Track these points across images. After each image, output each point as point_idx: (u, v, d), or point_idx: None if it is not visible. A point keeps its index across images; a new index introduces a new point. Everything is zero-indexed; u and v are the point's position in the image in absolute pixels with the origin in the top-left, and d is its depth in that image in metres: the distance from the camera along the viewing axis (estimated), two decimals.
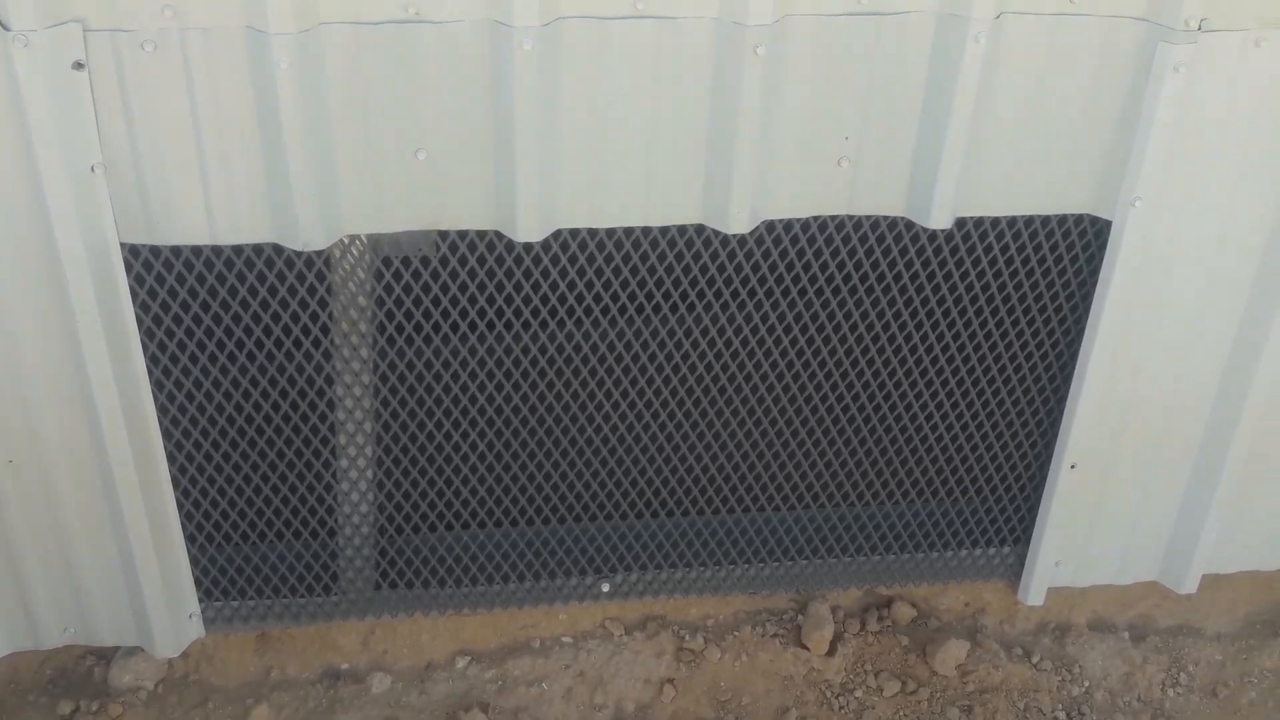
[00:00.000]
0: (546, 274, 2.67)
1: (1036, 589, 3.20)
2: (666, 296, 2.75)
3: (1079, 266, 2.79)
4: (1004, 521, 3.19)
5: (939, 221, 2.55)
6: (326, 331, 2.66)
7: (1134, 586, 3.31)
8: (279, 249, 2.49)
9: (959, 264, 2.78)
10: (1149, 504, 3.10)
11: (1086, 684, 3.23)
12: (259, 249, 2.51)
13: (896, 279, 2.80)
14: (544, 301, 2.71)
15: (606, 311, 2.76)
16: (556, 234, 2.55)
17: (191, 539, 2.83)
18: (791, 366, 2.91)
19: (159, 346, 2.58)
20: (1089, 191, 2.60)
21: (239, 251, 2.51)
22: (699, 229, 2.62)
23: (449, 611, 3.06)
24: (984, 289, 2.83)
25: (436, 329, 2.71)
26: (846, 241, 2.71)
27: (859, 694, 3.13)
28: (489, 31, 2.24)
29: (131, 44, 2.17)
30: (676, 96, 2.37)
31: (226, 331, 2.63)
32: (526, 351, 2.79)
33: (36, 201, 2.27)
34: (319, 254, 2.54)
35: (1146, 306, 2.75)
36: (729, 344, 2.85)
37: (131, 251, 2.41)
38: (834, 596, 3.26)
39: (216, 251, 2.51)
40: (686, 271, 2.72)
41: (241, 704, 2.97)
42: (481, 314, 2.70)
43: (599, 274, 2.68)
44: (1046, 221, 2.72)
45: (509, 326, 2.74)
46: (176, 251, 2.47)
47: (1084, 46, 2.41)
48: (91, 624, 2.88)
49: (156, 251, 2.45)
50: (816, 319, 2.84)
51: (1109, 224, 2.64)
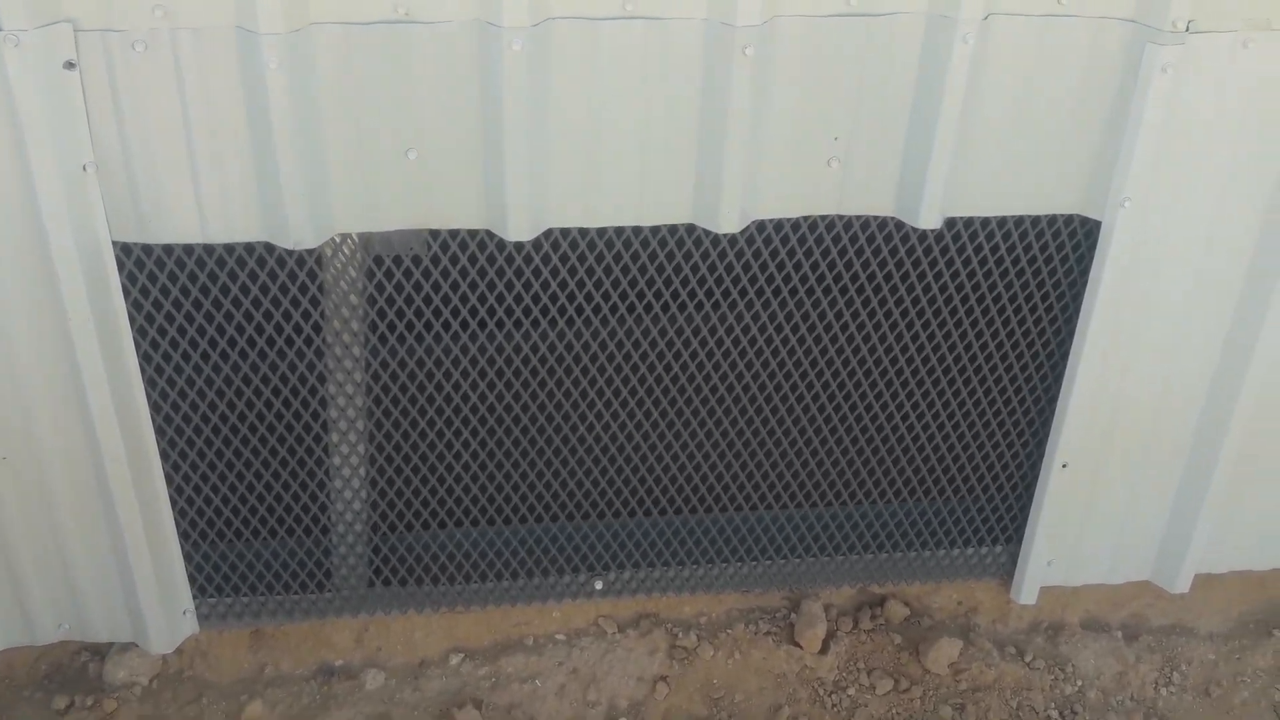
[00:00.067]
0: (538, 273, 2.68)
1: (1028, 588, 3.20)
2: (658, 296, 2.76)
3: (1069, 267, 2.79)
4: (996, 520, 3.19)
5: (928, 222, 2.56)
6: (318, 330, 2.67)
7: (1127, 586, 3.31)
8: (270, 248, 2.50)
9: (949, 264, 2.78)
10: (1140, 504, 3.10)
11: (1079, 683, 3.23)
12: (250, 248, 2.52)
13: (887, 279, 2.81)
14: (535, 301, 2.72)
15: (598, 311, 2.76)
16: (547, 233, 2.56)
17: (185, 536, 2.84)
18: (783, 365, 2.91)
19: (151, 345, 2.59)
20: (1078, 192, 2.61)
21: (231, 250, 2.52)
22: (689, 229, 2.63)
23: (442, 609, 3.07)
24: (974, 289, 2.84)
25: (428, 327, 2.72)
26: (837, 241, 2.71)
27: (851, 692, 3.14)
28: (479, 32, 2.25)
29: (122, 44, 2.18)
30: (666, 97, 2.38)
31: (219, 330, 2.64)
32: (519, 350, 2.80)
33: (28, 200, 2.28)
34: (310, 253, 2.55)
35: (1136, 306, 2.75)
36: (720, 343, 2.86)
37: (123, 250, 2.42)
38: (827, 595, 3.26)
39: (208, 250, 2.52)
40: (678, 271, 2.72)
41: (236, 700, 2.98)
42: (473, 313, 2.71)
43: (590, 273, 2.69)
44: (1036, 222, 2.73)
45: (500, 325, 2.75)
46: (168, 250, 2.48)
47: (1072, 47, 2.41)
48: (86, 620, 2.89)
49: (148, 250, 2.46)
50: (807, 318, 2.85)
51: (1098, 224, 2.64)
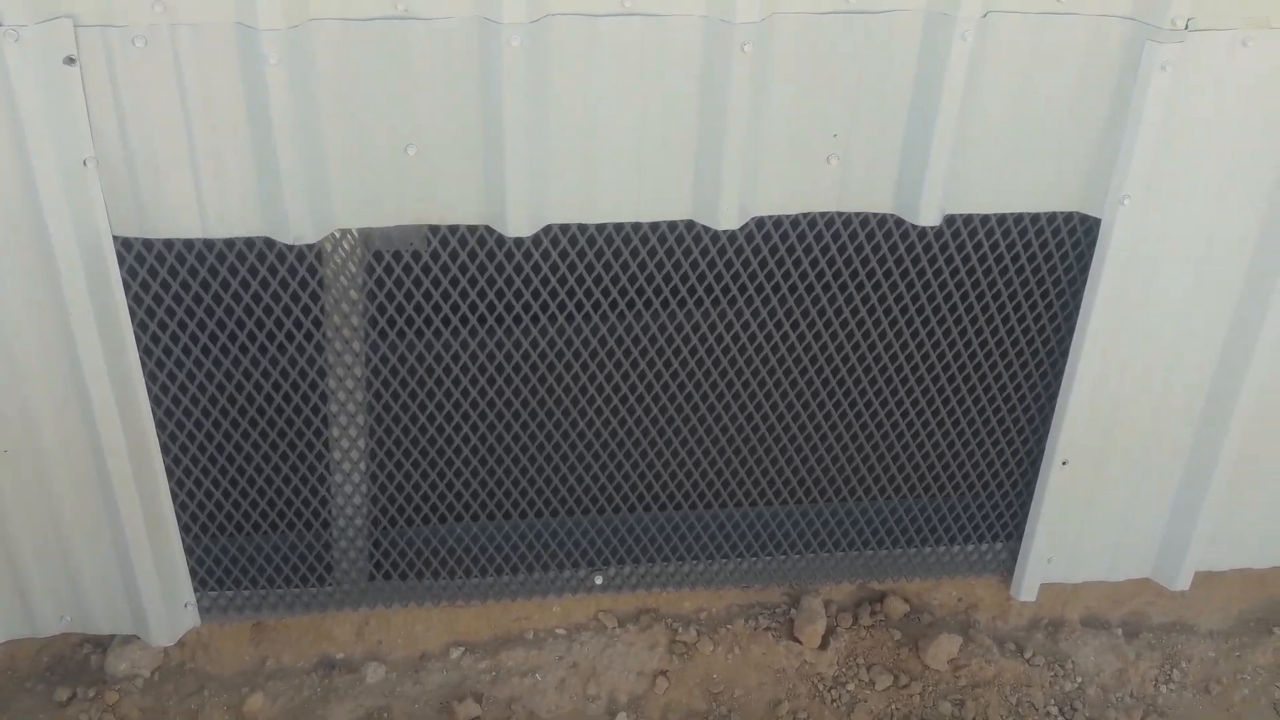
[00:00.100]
0: (537, 269, 2.68)
1: (1028, 585, 3.20)
2: (658, 292, 2.77)
3: (1069, 264, 2.79)
4: (996, 517, 3.19)
5: (928, 219, 2.56)
6: (319, 324, 2.68)
7: (1127, 583, 3.31)
8: (270, 242, 2.51)
9: (949, 261, 2.78)
10: (1140, 501, 3.09)
11: (1079, 680, 3.23)
12: (250, 242, 2.53)
13: (886, 276, 2.81)
14: (535, 296, 2.72)
15: (598, 306, 2.77)
16: (547, 229, 2.56)
17: (186, 529, 2.85)
18: (783, 362, 2.91)
19: (152, 339, 2.60)
20: (1078, 189, 2.60)
21: (231, 245, 2.53)
22: (689, 225, 2.63)
23: (443, 603, 3.08)
24: (974, 286, 2.83)
25: (428, 323, 2.73)
26: (836, 238, 2.71)
27: (851, 687, 3.14)
28: (478, 28, 2.26)
29: (122, 39, 2.19)
30: (665, 93, 2.38)
31: (219, 324, 2.65)
32: (518, 345, 2.81)
33: (29, 195, 2.29)
34: (310, 248, 2.56)
35: (1136, 304, 2.75)
36: (720, 339, 2.86)
37: (124, 245, 2.43)
38: (827, 591, 3.26)
39: (208, 245, 2.53)
40: (677, 267, 2.73)
41: (237, 692, 3.00)
42: (473, 308, 2.72)
43: (589, 269, 2.69)
44: (1036, 219, 2.73)
45: (500, 321, 2.76)
46: (169, 245, 2.49)
47: (1071, 45, 2.41)
48: (88, 612, 2.91)
49: (149, 245, 2.47)
50: (807, 315, 2.85)
51: (1098, 222, 2.64)
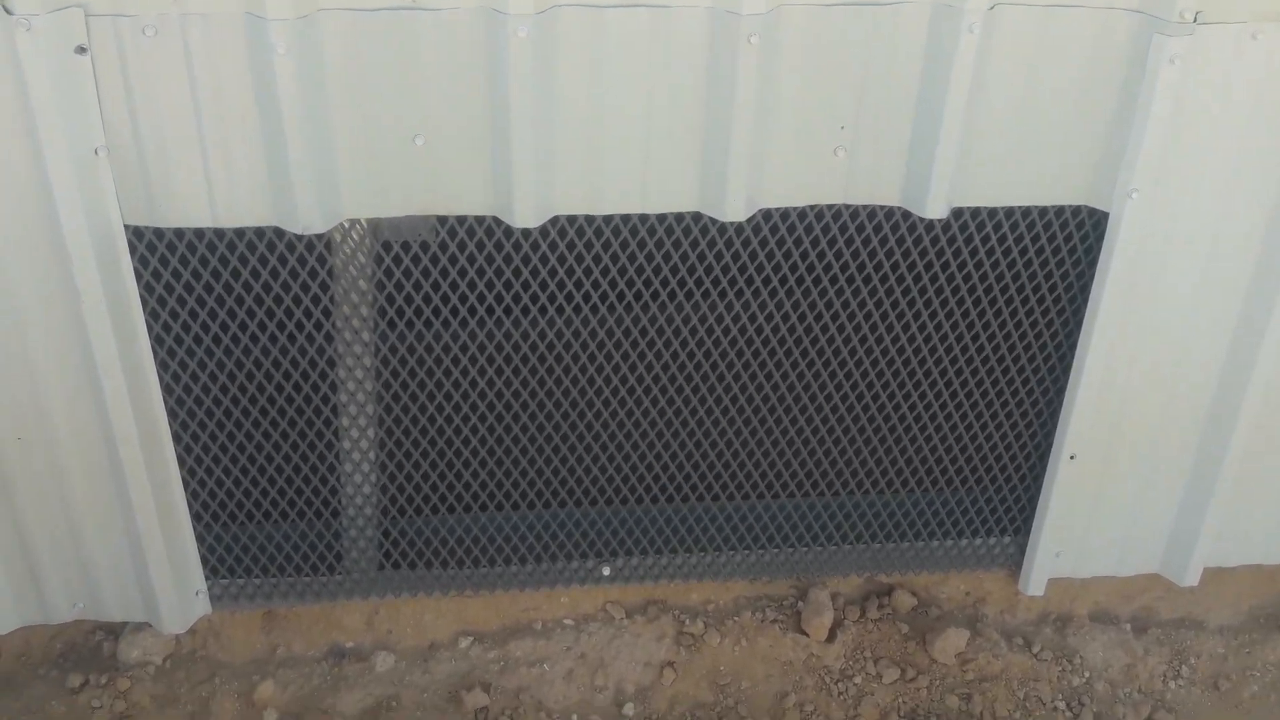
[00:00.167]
0: (545, 260, 2.69)
1: (1036, 579, 3.20)
2: (665, 283, 2.77)
3: (1077, 258, 2.79)
4: (1004, 511, 3.19)
5: (935, 211, 2.56)
6: (328, 314, 2.70)
7: (1137, 579, 3.30)
8: (280, 232, 2.52)
9: (956, 254, 2.78)
10: (1149, 496, 3.08)
11: (1087, 675, 3.23)
12: (260, 232, 2.54)
13: (894, 269, 2.81)
14: (542, 287, 2.73)
15: (605, 298, 2.78)
16: (554, 220, 2.57)
17: (198, 517, 2.87)
18: (789, 354, 2.92)
19: (163, 328, 2.62)
20: (1085, 183, 2.60)
21: (241, 234, 2.55)
22: (696, 217, 2.64)
23: (452, 592, 3.09)
24: (982, 279, 2.83)
25: (437, 313, 2.74)
26: (844, 231, 2.71)
27: (858, 680, 3.15)
28: (485, 19, 2.26)
29: (133, 29, 2.21)
30: (672, 85, 2.39)
31: (230, 313, 2.67)
32: (526, 336, 2.82)
33: (41, 184, 2.31)
34: (319, 238, 2.58)
35: (1144, 298, 2.74)
36: (727, 331, 2.86)
37: (135, 234, 2.45)
38: (834, 583, 3.26)
39: (219, 234, 2.55)
40: (684, 259, 2.73)
41: (248, 680, 3.02)
42: (481, 299, 2.73)
43: (596, 260, 2.70)
44: (1044, 212, 2.72)
45: (508, 312, 2.77)
46: (179, 234, 2.51)
47: (1078, 38, 2.40)
48: (100, 599, 2.93)
49: (160, 234, 2.48)
50: (814, 307, 2.85)
51: (1106, 215, 2.63)
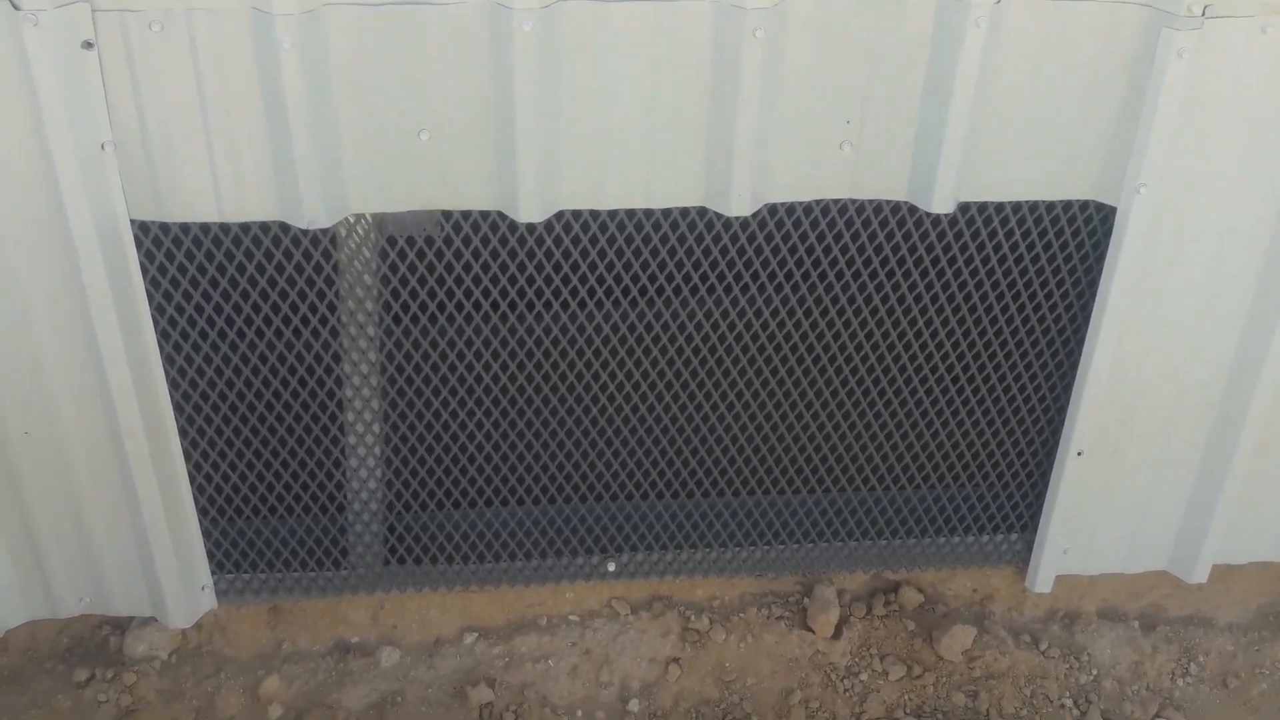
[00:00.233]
0: (550, 255, 2.69)
1: (1044, 576, 3.19)
2: (670, 278, 2.77)
3: (1084, 253, 2.78)
4: (1011, 508, 3.18)
5: (941, 206, 2.55)
6: (333, 309, 2.70)
7: (1145, 576, 3.29)
8: (285, 227, 2.52)
9: (963, 249, 2.77)
10: (1157, 492, 3.07)
11: (1095, 672, 3.22)
12: (265, 226, 2.55)
13: (900, 264, 2.80)
14: (547, 282, 2.73)
15: (610, 293, 2.77)
16: (559, 215, 2.57)
17: (204, 512, 2.88)
18: (795, 350, 2.91)
19: (169, 322, 2.62)
20: (1093, 177, 2.59)
21: (246, 229, 2.55)
22: (701, 211, 2.63)
23: (457, 588, 3.09)
24: (989, 274, 2.82)
25: (441, 308, 2.74)
26: (849, 225, 2.71)
27: (864, 677, 3.14)
28: (490, 13, 2.27)
29: (139, 24, 2.21)
30: (677, 79, 2.38)
31: (235, 308, 2.67)
32: (531, 331, 2.82)
33: (48, 179, 2.31)
34: (324, 232, 2.58)
35: (1152, 293, 2.73)
36: (732, 326, 2.86)
37: (141, 228, 2.46)
38: (840, 580, 3.26)
39: (224, 229, 2.55)
40: (689, 254, 2.73)
41: (253, 675, 3.03)
42: (485, 294, 2.73)
43: (601, 255, 2.70)
44: (1051, 207, 2.71)
45: (513, 307, 2.77)
46: (185, 228, 2.51)
47: (1086, 31, 2.39)
48: (107, 594, 2.94)
49: (166, 228, 2.49)
50: (820, 302, 2.85)
51: (1114, 210, 2.62)
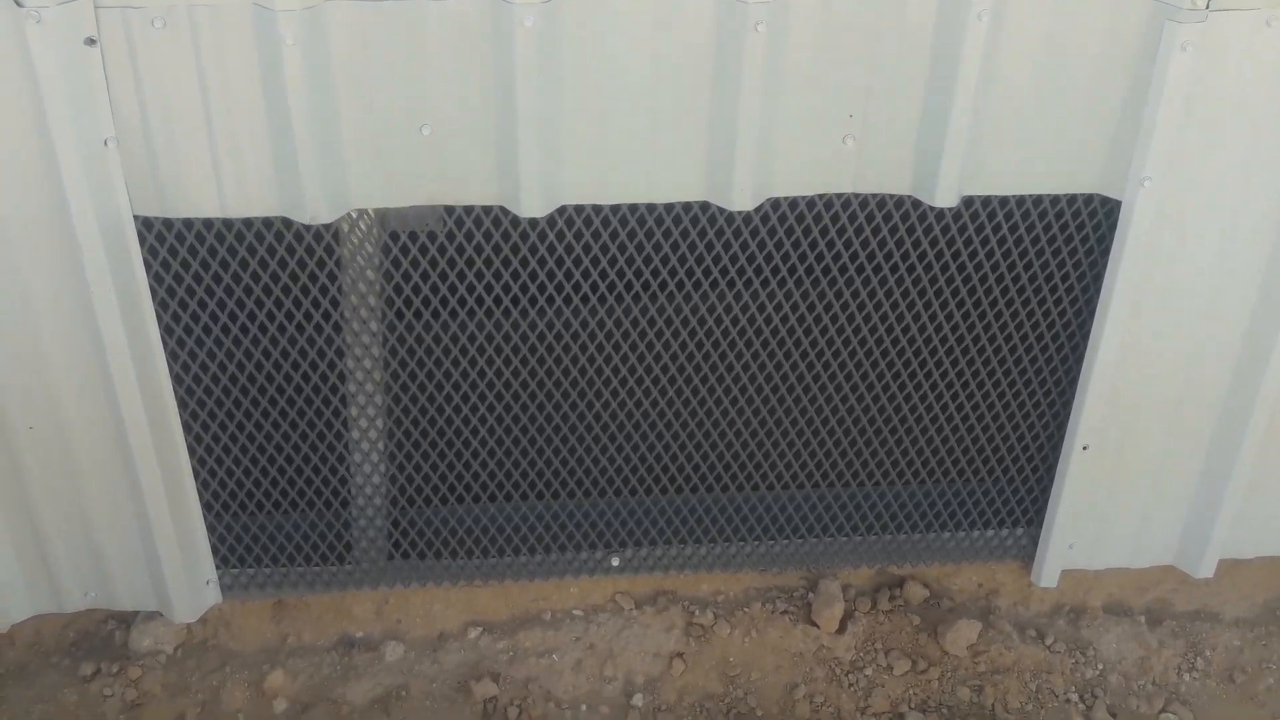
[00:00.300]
0: (552, 249, 2.69)
1: (1049, 571, 3.18)
2: (673, 273, 2.77)
3: (1089, 246, 2.77)
4: (1016, 503, 3.18)
5: (945, 200, 2.54)
6: (336, 304, 2.70)
7: (1151, 570, 3.28)
8: (288, 222, 2.53)
9: (967, 243, 2.77)
10: (1163, 487, 3.06)
11: (1100, 667, 3.21)
12: (268, 222, 2.55)
13: (904, 258, 2.80)
14: (550, 277, 2.73)
15: (613, 287, 2.77)
16: (561, 210, 2.56)
17: (208, 507, 2.89)
18: (799, 344, 2.91)
19: (173, 318, 2.63)
20: (1098, 171, 2.58)
21: (249, 224, 2.55)
22: (704, 206, 2.63)
23: (461, 582, 3.10)
24: (993, 268, 2.82)
25: (444, 303, 2.74)
26: (853, 219, 2.70)
27: (869, 672, 3.14)
28: (491, 7, 2.26)
29: (142, 20, 2.22)
30: (678, 73, 2.38)
31: (238, 303, 2.68)
32: (534, 326, 2.82)
33: (51, 175, 2.32)
34: (327, 228, 2.58)
35: (1158, 287, 2.72)
36: (735, 321, 2.86)
37: (144, 224, 2.46)
38: (845, 575, 3.26)
39: (227, 224, 2.55)
40: (692, 249, 2.73)
41: (258, 669, 3.03)
42: (488, 289, 2.73)
43: (604, 250, 2.70)
44: (1056, 201, 2.70)
45: (516, 301, 2.77)
46: (188, 224, 2.51)
47: (1090, 24, 2.38)
48: (112, 588, 2.95)
49: (169, 224, 2.49)
50: (823, 297, 2.84)
51: (1119, 204, 2.61)
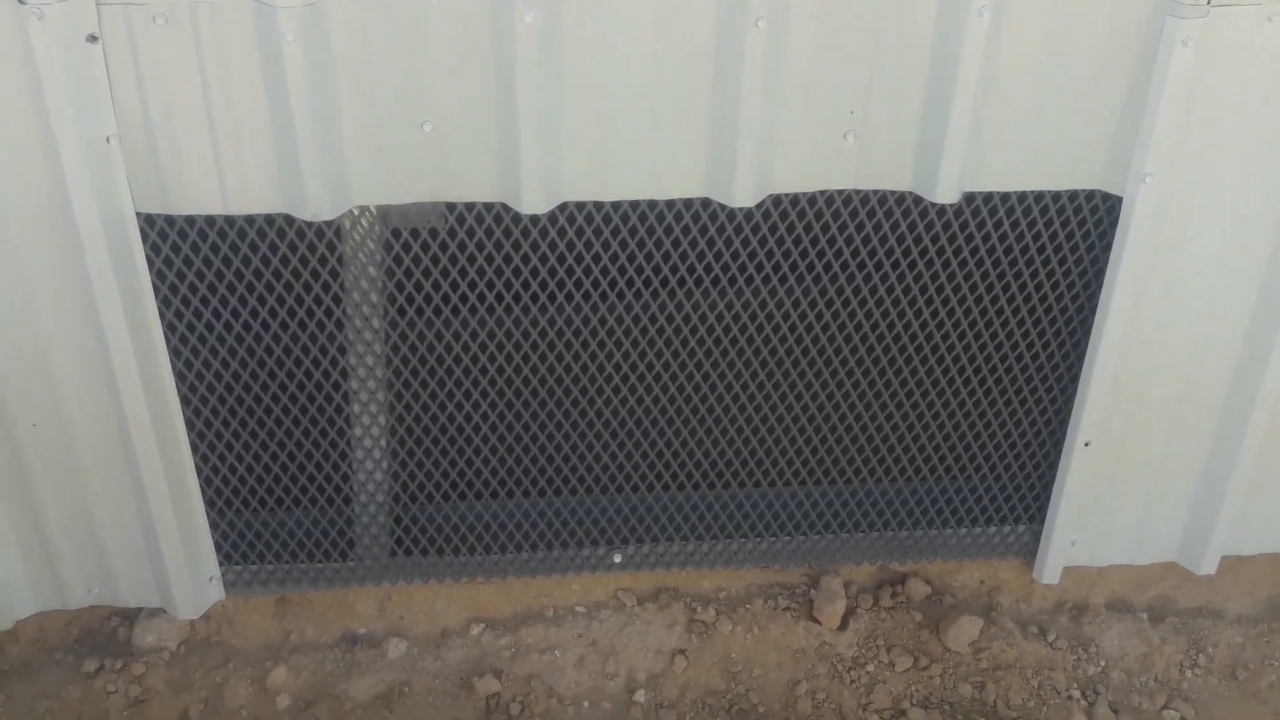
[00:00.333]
0: (554, 246, 2.69)
1: (1051, 567, 3.18)
2: (674, 270, 2.77)
3: (1090, 243, 2.77)
4: (1019, 499, 3.18)
5: (946, 196, 2.54)
6: (338, 301, 2.71)
7: (1154, 567, 3.28)
8: (290, 219, 2.53)
9: (969, 239, 2.77)
10: (1165, 483, 3.06)
11: (1103, 663, 3.21)
12: (270, 219, 2.55)
13: (905, 254, 2.80)
14: (551, 274, 2.74)
15: (614, 284, 2.78)
16: (563, 206, 2.57)
17: (211, 504, 2.89)
18: (800, 341, 2.91)
19: (175, 314, 2.63)
20: (1099, 167, 2.58)
21: (251, 221, 2.56)
22: (705, 203, 2.63)
23: (464, 579, 3.10)
24: (995, 265, 2.81)
25: (446, 300, 2.75)
26: (854, 216, 2.70)
27: (870, 668, 3.14)
28: (491, 4, 2.26)
29: (143, 17, 2.22)
30: (679, 69, 2.38)
31: (241, 300, 2.68)
32: (535, 323, 2.82)
33: (53, 172, 2.32)
34: (329, 224, 2.58)
35: (1159, 283, 2.72)
36: (737, 318, 2.86)
37: (147, 221, 2.46)
38: (847, 572, 3.26)
39: (229, 221, 2.56)
40: (693, 245, 2.73)
41: (261, 666, 3.04)
42: (490, 285, 2.73)
43: (605, 246, 2.70)
44: (1057, 197, 2.70)
45: (517, 298, 2.77)
46: (190, 221, 2.52)
47: (1091, 20, 2.38)
48: (115, 585, 2.96)
49: (171, 221, 2.50)
50: (825, 294, 2.84)
51: (1120, 200, 2.61)
